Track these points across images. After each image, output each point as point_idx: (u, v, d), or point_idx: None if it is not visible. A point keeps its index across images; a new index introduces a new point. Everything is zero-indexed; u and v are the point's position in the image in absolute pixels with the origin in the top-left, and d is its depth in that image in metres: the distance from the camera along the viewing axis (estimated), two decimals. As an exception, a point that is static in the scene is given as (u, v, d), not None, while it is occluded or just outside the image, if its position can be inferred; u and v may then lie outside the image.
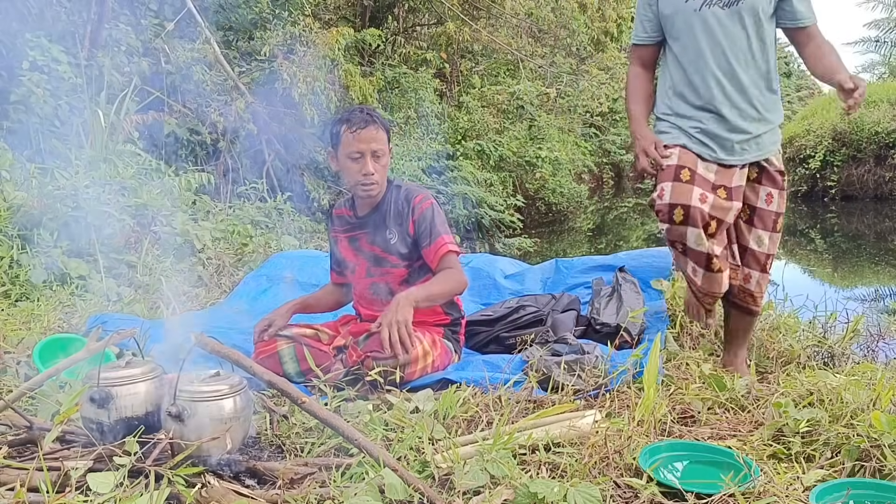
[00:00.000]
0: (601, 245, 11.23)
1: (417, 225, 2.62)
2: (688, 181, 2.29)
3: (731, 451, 1.78)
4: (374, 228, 2.68)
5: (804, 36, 2.35)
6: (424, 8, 11.81)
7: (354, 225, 2.74)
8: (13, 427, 1.82)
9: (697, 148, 2.36)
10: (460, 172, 10.01)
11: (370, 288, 2.73)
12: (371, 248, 2.70)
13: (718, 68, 2.32)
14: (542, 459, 1.74)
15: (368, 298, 2.75)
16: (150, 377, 1.75)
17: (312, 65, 7.55)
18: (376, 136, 2.54)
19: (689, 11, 2.31)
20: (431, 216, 2.61)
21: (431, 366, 2.54)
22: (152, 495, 1.40)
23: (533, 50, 13.26)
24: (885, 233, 10.81)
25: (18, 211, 4.00)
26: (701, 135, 2.37)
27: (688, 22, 2.33)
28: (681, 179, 2.30)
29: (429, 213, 2.61)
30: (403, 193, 2.67)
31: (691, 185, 2.29)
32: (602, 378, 2.25)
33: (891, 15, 20.89)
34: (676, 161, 2.34)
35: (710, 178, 2.34)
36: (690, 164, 2.33)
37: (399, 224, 2.64)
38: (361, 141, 2.53)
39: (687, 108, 2.40)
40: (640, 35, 2.49)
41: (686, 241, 2.31)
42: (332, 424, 1.66)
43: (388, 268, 2.69)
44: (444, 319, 2.73)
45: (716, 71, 2.32)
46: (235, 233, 5.22)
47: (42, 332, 2.90)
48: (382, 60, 10.37)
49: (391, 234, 2.66)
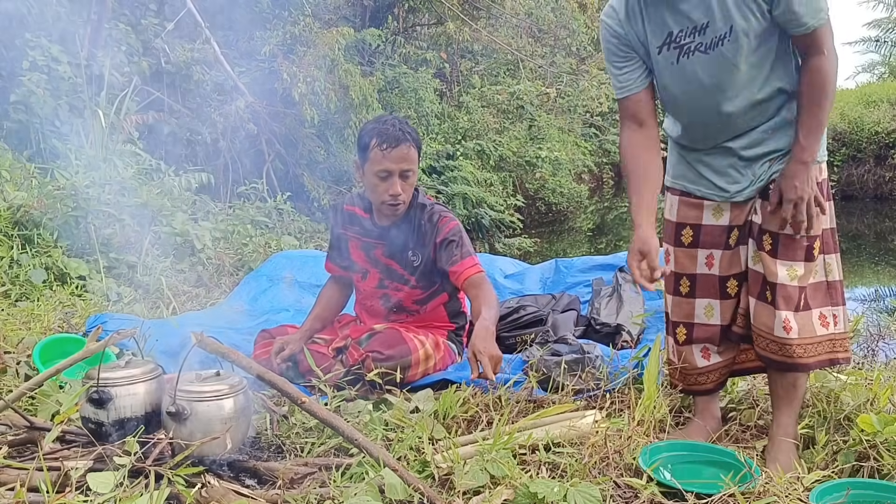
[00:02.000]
0: (601, 245, 11.22)
1: (440, 246, 2.53)
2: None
3: (731, 451, 1.78)
4: (393, 242, 2.59)
5: (803, 45, 1.79)
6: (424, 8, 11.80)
7: (372, 232, 2.63)
8: (13, 427, 1.82)
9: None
10: (460, 172, 10.00)
11: (380, 299, 2.67)
12: (388, 261, 2.62)
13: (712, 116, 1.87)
14: (542, 459, 1.74)
15: (375, 308, 2.70)
16: (150, 377, 1.76)
17: (312, 65, 7.55)
18: (407, 155, 2.41)
19: (664, 64, 1.86)
20: (459, 237, 2.53)
21: (433, 368, 2.54)
22: (152, 495, 1.40)
23: (533, 50, 13.26)
24: (884, 233, 10.81)
25: (18, 211, 4.00)
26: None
27: (663, 74, 1.89)
28: (682, 243, 2.01)
29: (453, 235, 2.52)
30: (429, 213, 2.56)
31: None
32: (602, 378, 2.25)
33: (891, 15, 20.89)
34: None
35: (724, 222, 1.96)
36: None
37: (422, 246, 2.56)
38: (392, 160, 2.39)
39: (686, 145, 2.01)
40: (618, 86, 1.94)
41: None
42: (332, 424, 1.66)
43: (403, 285, 2.63)
44: (450, 326, 2.73)
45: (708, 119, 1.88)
46: (235, 233, 5.22)
47: (42, 332, 2.90)
48: (382, 60, 10.36)
49: (414, 257, 2.58)
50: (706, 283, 1.97)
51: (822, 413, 1.96)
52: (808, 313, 1.83)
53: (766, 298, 1.85)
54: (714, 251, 1.96)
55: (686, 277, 2.00)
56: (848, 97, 15.28)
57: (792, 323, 1.81)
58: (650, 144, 1.94)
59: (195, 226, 4.86)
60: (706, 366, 2.01)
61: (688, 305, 2.01)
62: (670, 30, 1.79)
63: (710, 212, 1.95)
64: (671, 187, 2.03)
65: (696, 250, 1.98)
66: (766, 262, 1.85)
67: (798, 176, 1.76)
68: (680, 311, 2.03)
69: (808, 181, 1.76)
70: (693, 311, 2.00)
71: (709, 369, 2.02)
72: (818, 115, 1.77)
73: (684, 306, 2.02)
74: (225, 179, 7.09)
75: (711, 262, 1.96)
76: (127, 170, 4.98)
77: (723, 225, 1.94)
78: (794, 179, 1.76)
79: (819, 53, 1.75)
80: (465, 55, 13.52)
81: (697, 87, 1.83)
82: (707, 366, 2.01)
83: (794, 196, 1.76)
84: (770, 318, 1.84)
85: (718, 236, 1.95)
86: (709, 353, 2.02)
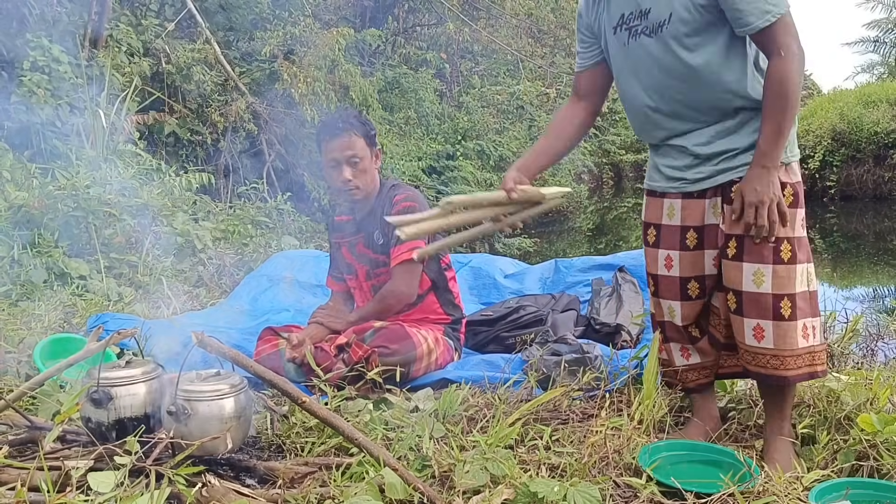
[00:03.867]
0: (601, 245, 11.23)
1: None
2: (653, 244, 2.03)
3: (731, 451, 1.79)
4: (367, 231, 2.69)
5: (759, 46, 1.77)
6: (424, 8, 11.81)
7: (352, 230, 2.74)
8: (14, 427, 1.82)
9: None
10: (460, 172, 10.01)
11: (372, 291, 2.73)
12: (366, 250, 2.71)
13: (659, 103, 1.89)
14: (542, 459, 1.74)
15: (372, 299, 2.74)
16: (150, 377, 1.76)
17: (312, 65, 7.56)
18: (350, 142, 2.52)
19: (617, 46, 1.93)
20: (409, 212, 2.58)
21: (435, 363, 2.56)
22: (153, 495, 1.40)
23: (533, 50, 13.27)
24: (884, 233, 10.81)
25: (19, 211, 4.01)
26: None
27: (616, 58, 1.96)
28: (647, 242, 2.06)
29: (403, 212, 2.54)
30: (390, 193, 2.66)
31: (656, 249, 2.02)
32: (602, 378, 2.25)
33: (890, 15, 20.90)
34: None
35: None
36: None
37: (385, 224, 2.60)
38: (335, 150, 2.54)
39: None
40: (578, 61, 2.12)
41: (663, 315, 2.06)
42: (333, 424, 1.66)
43: (384, 269, 2.69)
44: (445, 319, 2.74)
45: (650, 105, 1.91)
46: (236, 233, 5.23)
47: (42, 332, 2.90)
48: (382, 61, 10.37)
49: (378, 237, 2.66)
50: (667, 284, 2.00)
51: (823, 413, 1.96)
52: (794, 324, 1.77)
53: (737, 310, 1.83)
54: (671, 252, 1.97)
55: (651, 277, 2.05)
56: (847, 97, 15.28)
57: (767, 332, 1.78)
58: (573, 116, 2.11)
59: (196, 226, 4.86)
60: (686, 364, 2.04)
61: (657, 305, 2.06)
62: (622, 11, 1.88)
63: (666, 211, 1.98)
64: (643, 187, 2.10)
65: (657, 251, 2.01)
66: (731, 271, 1.82)
67: (758, 180, 1.73)
68: (655, 309, 2.08)
69: (770, 185, 1.73)
70: (662, 311, 2.05)
71: (689, 367, 2.03)
72: (778, 119, 1.72)
73: (656, 306, 2.07)
74: (225, 179, 7.10)
75: (670, 264, 1.98)
76: (127, 170, 4.99)
77: (676, 225, 1.95)
78: (755, 182, 1.74)
79: (774, 54, 1.71)
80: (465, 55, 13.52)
81: (644, 72, 1.87)
82: (687, 364, 2.03)
83: (755, 199, 1.73)
84: (740, 327, 1.82)
85: (674, 237, 1.96)
86: (688, 353, 2.04)
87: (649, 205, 2.04)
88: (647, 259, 2.06)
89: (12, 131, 5.03)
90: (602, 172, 20.62)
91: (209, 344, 1.68)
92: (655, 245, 2.01)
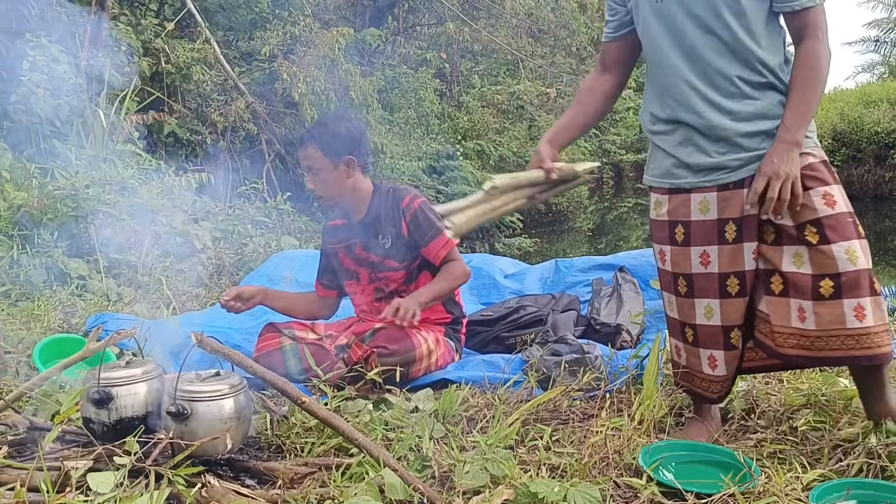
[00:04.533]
0: (601, 245, 11.23)
1: (411, 226, 2.63)
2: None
3: (731, 451, 1.78)
4: (367, 235, 2.70)
5: (796, 28, 1.77)
6: (424, 8, 11.81)
7: (350, 234, 2.75)
8: (13, 427, 1.82)
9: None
10: (460, 172, 10.01)
11: (375, 294, 2.73)
12: (367, 254, 2.71)
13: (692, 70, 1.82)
14: (542, 459, 1.74)
15: (374, 306, 2.73)
16: (150, 377, 1.76)
17: (312, 65, 7.55)
18: (307, 154, 2.60)
19: (649, 8, 1.85)
20: (425, 215, 2.62)
21: (435, 364, 2.56)
22: (152, 495, 1.40)
23: (533, 50, 13.25)
24: (885, 233, 10.80)
25: (18, 211, 4.00)
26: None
27: (648, 21, 1.87)
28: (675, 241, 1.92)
29: (420, 212, 2.63)
30: (391, 196, 2.68)
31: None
32: (602, 378, 2.25)
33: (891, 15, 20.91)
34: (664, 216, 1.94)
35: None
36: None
37: (392, 227, 2.65)
38: (300, 158, 2.69)
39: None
40: (605, 31, 2.06)
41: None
42: (332, 424, 1.66)
43: (387, 272, 2.69)
44: (446, 318, 2.74)
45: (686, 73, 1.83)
46: (235, 233, 5.22)
47: (42, 332, 2.90)
48: (382, 60, 10.37)
49: (385, 239, 2.66)
50: (704, 282, 1.89)
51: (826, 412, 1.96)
52: (839, 302, 1.72)
53: (835, 294, 1.73)
54: (708, 248, 1.87)
55: (683, 277, 1.93)
56: (848, 97, 15.28)
57: (868, 310, 1.71)
58: (598, 87, 2.08)
59: (195, 226, 4.86)
60: (710, 374, 1.94)
61: (689, 306, 1.94)
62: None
63: (698, 207, 1.87)
64: (656, 186, 1.96)
65: (689, 248, 1.89)
66: (818, 256, 1.74)
67: (777, 153, 1.72)
68: (683, 311, 1.97)
69: (789, 161, 1.71)
70: (694, 313, 1.93)
71: (713, 379, 1.95)
72: (808, 97, 1.74)
73: (686, 307, 1.96)
74: (225, 179, 7.09)
75: (707, 260, 1.88)
76: (127, 170, 4.99)
77: (712, 219, 1.85)
78: (773, 155, 1.73)
79: (813, 36, 1.73)
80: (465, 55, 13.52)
81: (679, 34, 1.80)
82: (711, 375, 1.94)
83: (770, 171, 1.71)
84: (839, 311, 1.72)
85: (710, 232, 1.86)
86: (715, 363, 1.94)
87: (673, 202, 1.90)
88: (676, 259, 1.92)
89: (12, 131, 5.03)
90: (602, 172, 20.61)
91: (209, 344, 1.67)
92: (686, 243, 1.89)
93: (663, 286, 2.02)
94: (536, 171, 2.08)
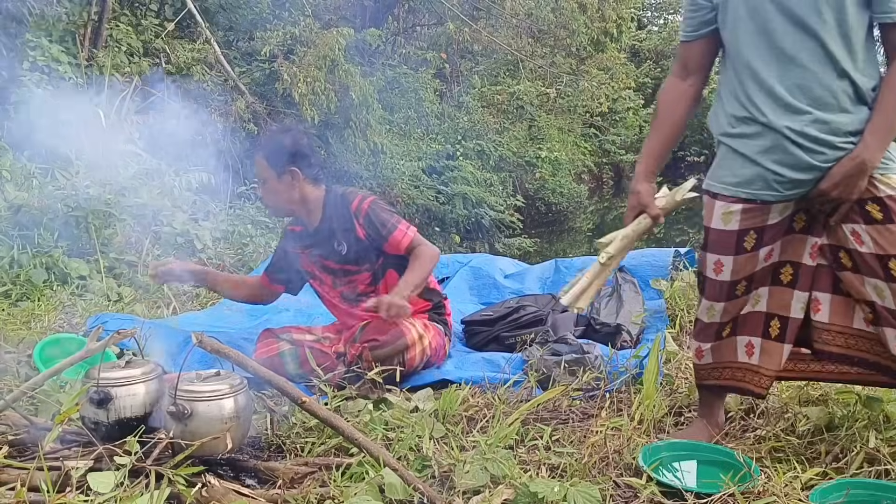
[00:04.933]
0: (601, 245, 11.19)
1: (366, 227, 2.61)
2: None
3: (731, 451, 1.78)
4: (323, 243, 2.69)
5: (892, 41, 1.65)
6: (424, 8, 11.81)
7: (307, 242, 2.74)
8: (13, 427, 1.82)
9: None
10: (460, 172, 10.01)
11: (341, 297, 2.73)
12: (327, 261, 2.70)
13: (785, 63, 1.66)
14: (542, 459, 1.74)
15: (342, 308, 2.74)
16: (150, 377, 1.76)
17: (312, 65, 7.55)
18: (256, 164, 2.67)
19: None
20: (376, 213, 2.61)
21: (430, 347, 2.56)
22: (153, 495, 1.40)
23: (533, 50, 13.25)
24: (884, 233, 10.78)
25: (18, 211, 4.00)
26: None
27: (735, 7, 1.72)
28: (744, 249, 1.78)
29: (371, 211, 2.61)
30: (341, 202, 2.66)
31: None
32: (602, 378, 2.25)
33: (891, 15, 20.86)
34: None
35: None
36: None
37: (346, 231, 2.63)
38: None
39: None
40: (683, 28, 1.88)
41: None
42: (332, 424, 1.66)
43: (351, 276, 2.69)
44: (426, 305, 2.74)
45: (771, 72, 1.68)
46: (236, 233, 5.22)
47: (42, 332, 2.90)
48: (382, 60, 10.36)
49: (341, 246, 2.65)
50: (761, 274, 1.81)
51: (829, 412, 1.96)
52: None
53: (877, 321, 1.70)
54: (773, 245, 1.79)
55: (744, 280, 1.82)
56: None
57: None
58: (682, 96, 1.89)
59: (195, 226, 4.86)
60: (747, 363, 1.88)
61: (741, 304, 1.86)
62: None
63: (777, 212, 1.75)
64: (723, 194, 1.78)
65: (757, 252, 1.79)
66: (853, 283, 1.70)
67: (843, 171, 1.62)
68: (728, 312, 1.86)
69: (849, 185, 1.62)
70: (744, 307, 1.86)
71: (752, 368, 1.87)
72: (892, 117, 1.63)
73: (736, 307, 1.86)
74: (225, 179, 7.08)
75: (770, 255, 1.80)
76: (127, 170, 4.98)
77: (785, 217, 1.76)
78: (838, 174, 1.63)
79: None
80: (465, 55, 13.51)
81: (771, 32, 1.66)
82: (748, 363, 1.87)
83: (828, 185, 1.63)
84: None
85: (779, 230, 1.77)
86: (752, 350, 1.86)
87: (748, 213, 1.75)
88: (739, 267, 1.79)
89: (12, 131, 5.03)
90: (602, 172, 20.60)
91: (209, 344, 1.68)
92: (756, 248, 1.78)
93: (710, 296, 1.86)
94: (643, 220, 1.86)
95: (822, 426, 1.90)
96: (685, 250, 3.65)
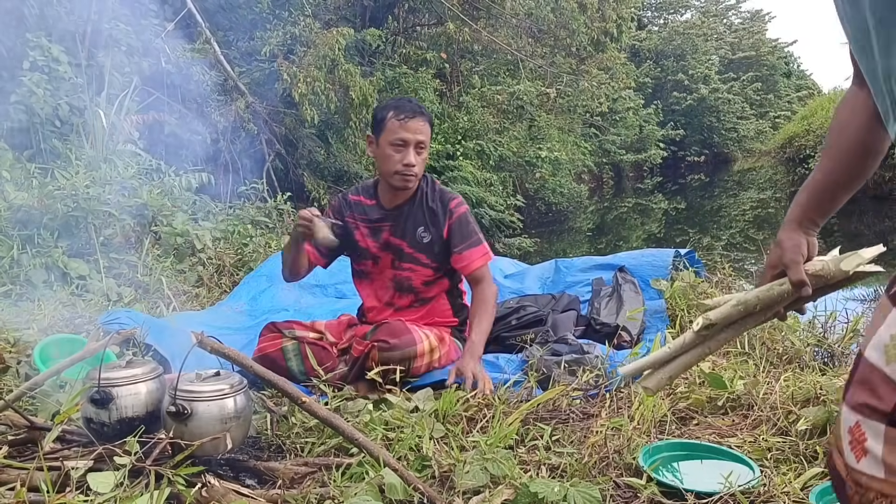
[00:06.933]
0: (601, 245, 11.23)
1: (453, 229, 2.60)
2: None
3: (731, 451, 1.79)
4: (403, 222, 2.64)
5: None
6: (424, 8, 11.80)
7: (379, 216, 2.67)
8: (13, 427, 1.82)
9: None
10: (460, 172, 10.01)
11: (392, 280, 2.68)
12: (399, 241, 2.65)
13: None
14: (542, 459, 1.74)
15: (388, 291, 2.69)
16: (151, 377, 1.76)
17: (312, 65, 7.55)
18: (422, 128, 2.53)
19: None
20: (468, 222, 2.61)
21: (437, 361, 2.55)
22: (153, 495, 1.40)
23: (533, 50, 13.25)
24: (884, 233, 10.80)
25: (18, 211, 4.00)
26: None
27: None
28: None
29: (465, 217, 2.61)
30: (438, 194, 2.64)
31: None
32: (602, 378, 2.25)
33: (891, 15, 20.87)
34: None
35: None
36: None
37: (434, 224, 2.61)
38: (408, 130, 2.50)
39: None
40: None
41: None
42: (332, 424, 1.66)
43: (414, 265, 2.65)
44: (453, 322, 2.73)
45: None
46: (235, 233, 5.22)
47: (42, 332, 2.90)
48: (382, 60, 10.36)
49: (425, 234, 2.62)
50: None
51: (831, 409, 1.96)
52: None
53: None
54: None
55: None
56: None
57: None
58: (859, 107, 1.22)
59: (195, 226, 4.86)
60: None
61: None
62: None
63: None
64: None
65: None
66: None
67: None
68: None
69: None
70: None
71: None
72: None
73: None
74: (225, 179, 7.09)
75: None
76: (127, 170, 4.98)
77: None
78: None
79: None
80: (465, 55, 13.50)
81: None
82: None
83: None
84: None
85: None
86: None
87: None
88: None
89: (12, 131, 5.03)
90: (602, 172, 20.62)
91: (209, 344, 1.68)
92: None
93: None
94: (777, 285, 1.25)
95: (822, 426, 1.90)
96: (685, 250, 3.65)
